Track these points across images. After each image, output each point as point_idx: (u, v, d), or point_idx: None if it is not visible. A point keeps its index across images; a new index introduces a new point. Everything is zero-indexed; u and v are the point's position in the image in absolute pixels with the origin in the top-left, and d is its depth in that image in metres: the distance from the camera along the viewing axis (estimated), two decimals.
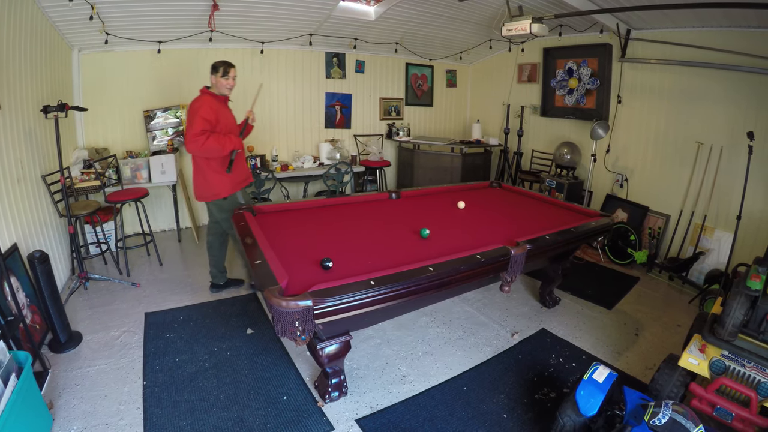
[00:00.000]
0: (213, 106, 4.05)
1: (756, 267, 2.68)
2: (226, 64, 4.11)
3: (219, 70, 4.08)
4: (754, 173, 4.53)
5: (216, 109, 4.06)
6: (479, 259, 2.94)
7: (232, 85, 4.21)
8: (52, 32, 4.69)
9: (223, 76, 4.10)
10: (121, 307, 4.24)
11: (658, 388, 2.84)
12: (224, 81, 4.12)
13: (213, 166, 4.16)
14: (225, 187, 4.24)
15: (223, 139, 4.05)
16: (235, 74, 4.19)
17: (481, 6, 5.97)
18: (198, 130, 3.89)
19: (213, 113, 4.02)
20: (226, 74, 4.11)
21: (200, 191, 4.28)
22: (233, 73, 4.16)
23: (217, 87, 4.15)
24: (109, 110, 5.77)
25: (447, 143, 7.55)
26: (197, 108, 3.97)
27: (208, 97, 4.09)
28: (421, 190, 5.05)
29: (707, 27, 5.05)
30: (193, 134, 3.88)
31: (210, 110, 4.00)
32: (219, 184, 4.21)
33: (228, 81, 4.14)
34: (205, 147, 3.93)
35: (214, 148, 3.99)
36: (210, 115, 3.98)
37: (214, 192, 4.22)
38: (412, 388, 3.22)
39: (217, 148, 4.01)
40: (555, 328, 4.12)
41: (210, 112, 3.99)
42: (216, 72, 4.09)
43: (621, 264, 5.68)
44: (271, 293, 2.28)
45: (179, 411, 2.89)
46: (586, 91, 6.59)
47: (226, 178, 4.21)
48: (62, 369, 3.28)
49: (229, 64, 4.13)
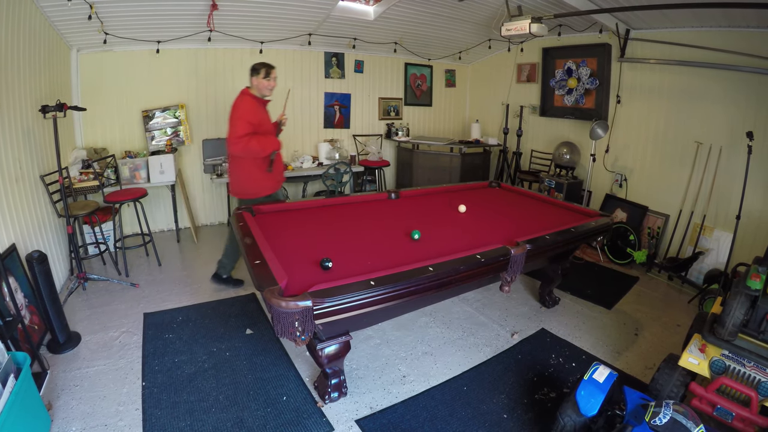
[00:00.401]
0: (255, 107, 4.19)
1: (756, 266, 2.67)
2: (267, 66, 4.21)
3: (261, 72, 4.18)
4: (754, 173, 4.54)
5: (257, 110, 4.21)
6: (479, 259, 2.93)
7: (274, 87, 4.30)
8: (51, 32, 4.67)
9: (265, 77, 4.19)
10: (119, 307, 4.22)
11: (658, 388, 2.83)
12: (266, 82, 4.21)
13: (259, 166, 4.29)
14: (268, 185, 4.41)
15: (265, 140, 4.19)
16: (276, 75, 4.29)
17: (480, 6, 5.97)
18: (242, 132, 4.02)
19: (255, 115, 4.17)
20: (268, 76, 4.21)
21: (242, 189, 4.41)
22: (274, 74, 4.26)
23: (258, 88, 4.24)
24: (108, 110, 5.76)
25: (446, 143, 7.54)
26: (242, 110, 4.11)
27: (250, 98, 4.20)
28: (421, 190, 5.05)
29: (706, 27, 5.05)
30: (237, 136, 4.02)
31: (253, 112, 4.14)
32: (263, 182, 4.37)
33: (270, 82, 4.23)
34: (248, 148, 4.07)
35: (256, 150, 4.12)
36: (253, 117, 4.12)
37: (257, 191, 4.37)
38: (412, 389, 3.21)
39: (259, 150, 4.14)
40: (555, 328, 4.12)
41: (253, 114, 4.14)
42: (257, 74, 4.19)
43: (620, 264, 5.68)
44: (271, 293, 2.27)
45: (178, 412, 2.88)
46: (586, 91, 6.59)
47: (270, 177, 4.38)
48: (61, 370, 3.27)
49: (271, 66, 4.23)
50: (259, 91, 4.25)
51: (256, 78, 4.21)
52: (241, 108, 4.13)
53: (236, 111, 4.13)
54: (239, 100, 4.21)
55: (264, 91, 4.26)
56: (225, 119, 6.44)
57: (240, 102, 4.18)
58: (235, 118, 4.11)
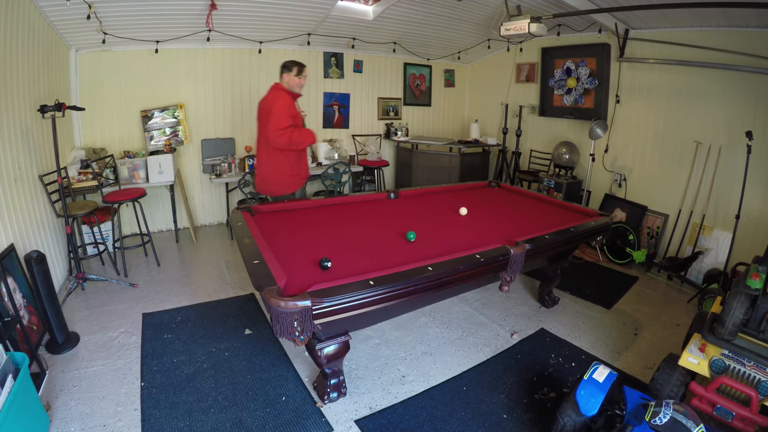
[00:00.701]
0: (290, 103, 4.42)
1: (756, 266, 2.67)
2: (299, 64, 4.47)
3: (293, 70, 4.42)
4: (753, 172, 4.54)
5: (292, 106, 4.44)
6: (478, 259, 2.93)
7: (304, 84, 4.55)
8: (50, 31, 4.66)
9: (297, 75, 4.44)
10: (118, 307, 4.22)
11: (658, 388, 2.83)
12: (297, 80, 4.45)
13: (290, 162, 4.54)
14: (292, 183, 4.66)
15: (306, 133, 4.48)
16: (306, 74, 4.55)
17: (479, 6, 5.97)
18: (285, 124, 4.26)
19: (292, 109, 4.41)
20: (300, 73, 4.46)
21: (272, 187, 4.64)
22: (306, 72, 4.53)
23: (289, 84, 4.45)
24: (107, 110, 5.75)
25: (445, 143, 7.54)
26: (281, 104, 4.31)
27: (285, 93, 4.41)
28: (420, 190, 5.04)
29: (706, 27, 5.05)
30: (281, 127, 4.24)
31: (290, 105, 4.39)
32: (292, 180, 4.64)
33: (301, 80, 4.48)
34: (292, 139, 4.31)
35: (298, 141, 4.38)
36: (291, 111, 4.37)
37: (285, 189, 4.63)
38: (412, 389, 3.21)
39: (301, 141, 4.41)
40: (554, 327, 4.11)
41: (290, 109, 4.37)
42: (290, 71, 4.42)
43: (620, 263, 5.68)
44: (270, 293, 2.26)
45: (177, 412, 2.87)
46: (585, 90, 6.59)
47: (298, 176, 4.67)
48: (59, 370, 3.26)
49: (302, 65, 4.49)
50: (290, 87, 4.45)
51: (288, 75, 4.43)
52: (280, 101, 4.31)
53: (276, 104, 4.30)
54: (276, 94, 4.39)
55: (295, 88, 4.48)
56: (224, 119, 6.56)
57: (278, 96, 4.37)
58: (276, 111, 4.26)
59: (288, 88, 4.45)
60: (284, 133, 4.24)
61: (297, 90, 4.51)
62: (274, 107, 4.29)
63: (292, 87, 4.45)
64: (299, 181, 4.72)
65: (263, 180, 4.64)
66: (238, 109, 6.67)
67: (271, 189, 4.65)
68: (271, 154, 4.48)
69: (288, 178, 4.59)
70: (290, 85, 4.44)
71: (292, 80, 4.43)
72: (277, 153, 4.45)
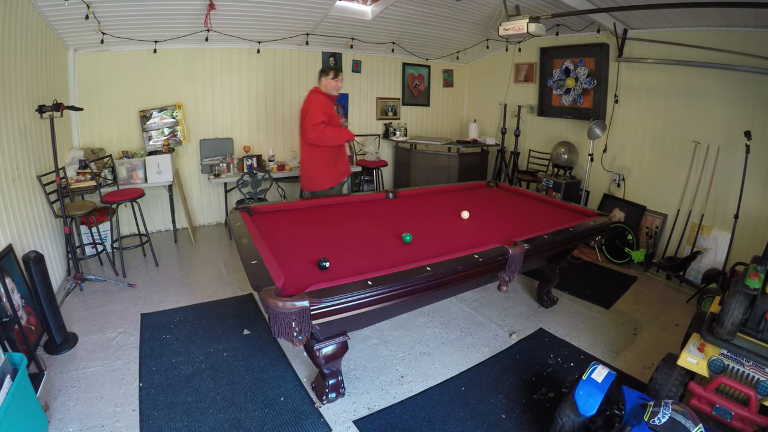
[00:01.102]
0: (326, 103, 4.73)
1: (755, 266, 2.67)
2: (335, 68, 4.84)
3: (330, 74, 4.75)
4: (751, 172, 4.53)
5: (328, 106, 4.75)
6: (477, 259, 2.92)
7: (340, 87, 4.85)
8: (48, 32, 4.66)
9: (333, 78, 4.74)
10: (117, 308, 4.21)
11: (657, 388, 2.83)
12: (333, 83, 4.76)
13: (327, 159, 4.81)
14: (331, 178, 4.91)
15: (339, 130, 4.74)
16: (342, 77, 4.84)
17: (478, 5, 5.97)
18: (318, 120, 4.54)
19: (328, 108, 4.72)
20: (336, 77, 4.76)
21: (311, 182, 4.93)
22: (341, 76, 4.82)
23: (326, 87, 4.76)
24: (105, 110, 5.73)
25: (444, 143, 7.53)
26: (316, 103, 4.65)
27: (321, 95, 4.74)
28: (418, 190, 5.04)
29: (704, 27, 5.05)
30: (314, 123, 4.54)
31: (324, 106, 4.69)
32: (328, 176, 4.88)
33: (337, 83, 4.78)
34: (324, 134, 4.58)
35: (331, 136, 4.65)
36: (326, 109, 4.67)
37: (322, 184, 4.88)
38: (410, 389, 3.21)
39: (334, 136, 4.67)
40: (553, 327, 4.11)
41: (325, 108, 4.67)
42: (326, 75, 4.75)
43: (618, 263, 5.68)
44: (268, 294, 2.25)
45: (175, 413, 2.87)
46: (583, 90, 6.59)
47: (335, 171, 4.92)
48: (58, 371, 3.25)
49: (339, 69, 4.89)
50: (327, 89, 4.76)
51: (325, 78, 4.75)
52: (315, 101, 4.66)
53: (311, 104, 4.67)
54: (312, 96, 4.74)
55: (332, 90, 4.78)
56: (222, 119, 6.55)
57: (314, 97, 4.72)
58: (311, 110, 4.61)
59: (325, 90, 4.75)
60: (316, 127, 4.53)
61: (334, 92, 4.81)
62: (310, 106, 4.64)
63: (329, 90, 4.75)
64: (336, 178, 4.96)
65: (304, 176, 4.97)
66: (236, 109, 6.66)
67: (310, 185, 4.93)
68: (310, 153, 4.79)
69: (325, 174, 4.86)
70: (327, 88, 4.75)
71: (329, 83, 4.74)
72: (315, 151, 4.75)
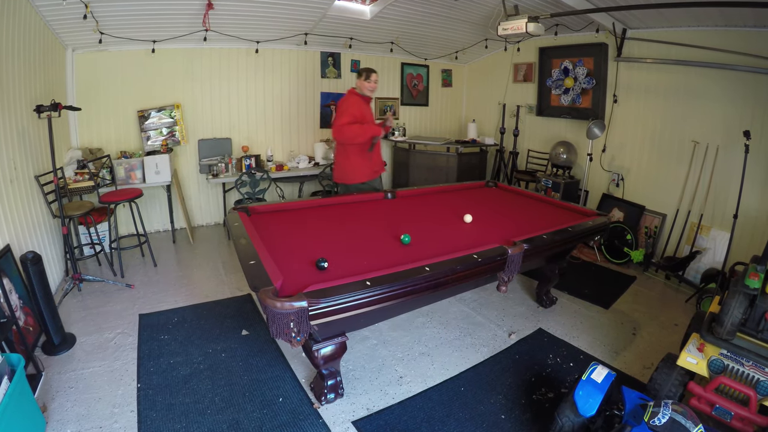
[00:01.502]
0: (357, 103, 4.90)
1: (754, 265, 2.67)
2: (368, 70, 4.96)
3: (362, 75, 4.93)
4: (751, 172, 4.53)
5: (360, 106, 4.92)
6: (476, 259, 2.92)
7: (374, 88, 5.00)
8: (46, 31, 4.64)
9: (365, 79, 4.91)
10: (115, 308, 4.20)
11: (656, 388, 2.82)
12: (367, 84, 4.93)
13: (358, 155, 4.97)
14: (365, 173, 5.08)
15: (362, 126, 4.82)
16: (376, 78, 4.98)
17: (476, 5, 5.96)
18: (345, 121, 4.73)
19: (358, 109, 4.87)
20: (368, 78, 4.92)
21: (344, 175, 5.10)
22: (374, 77, 4.96)
23: (360, 88, 4.96)
24: (103, 110, 5.73)
25: (443, 143, 7.53)
26: (345, 105, 4.86)
27: (355, 96, 4.94)
28: (417, 190, 5.04)
29: (703, 26, 5.05)
30: (340, 124, 4.75)
31: (355, 107, 4.86)
32: (361, 170, 5.05)
33: (370, 84, 4.94)
34: (348, 132, 4.74)
35: (356, 134, 4.77)
36: (356, 110, 4.84)
37: (355, 178, 5.06)
38: (409, 390, 3.20)
39: (357, 134, 4.77)
40: (552, 327, 4.11)
41: (356, 108, 4.85)
42: (360, 76, 4.94)
43: (617, 263, 5.67)
44: (266, 294, 2.25)
45: (173, 414, 2.86)
46: (582, 90, 6.59)
47: (367, 167, 5.07)
48: (56, 371, 3.24)
49: (372, 70, 4.96)
50: (361, 90, 4.96)
51: (359, 80, 4.95)
52: (345, 103, 4.88)
53: (341, 106, 4.90)
54: (345, 97, 4.97)
55: (365, 91, 4.96)
56: (221, 119, 6.57)
57: (346, 98, 4.94)
58: (339, 112, 4.85)
59: (359, 91, 4.96)
60: (341, 128, 4.73)
61: (368, 93, 4.98)
62: (340, 107, 4.91)
63: (363, 90, 4.95)
64: (370, 173, 5.13)
65: (338, 169, 5.15)
66: (235, 109, 6.66)
67: (343, 178, 5.10)
68: (344, 148, 4.99)
69: (359, 169, 5.03)
70: (361, 88, 4.95)
71: (362, 84, 4.93)
72: (348, 147, 4.92)
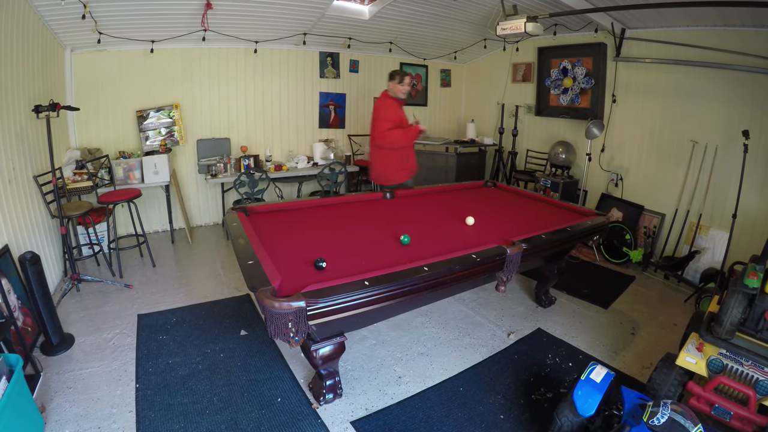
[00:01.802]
0: (394, 107, 5.03)
1: (753, 265, 2.67)
2: (401, 72, 5.04)
3: (396, 78, 5.00)
4: (749, 172, 4.53)
5: (396, 109, 5.04)
6: (475, 259, 2.92)
7: (407, 90, 5.07)
8: (45, 31, 4.64)
9: (399, 82, 4.98)
10: (113, 308, 4.19)
11: (655, 388, 2.82)
12: (400, 87, 5.00)
13: (395, 158, 5.09)
14: (402, 175, 5.22)
15: (405, 131, 5.00)
16: (409, 81, 5.05)
17: (475, 5, 5.96)
18: (386, 127, 4.91)
19: (395, 113, 5.01)
20: (402, 81, 4.98)
21: (382, 176, 5.22)
22: (408, 80, 5.02)
23: (393, 91, 5.03)
24: (102, 110, 5.72)
25: (441, 143, 7.52)
26: (384, 110, 4.98)
27: (390, 100, 5.03)
28: (416, 190, 5.03)
29: (702, 26, 5.05)
30: (381, 131, 4.92)
31: (392, 110, 4.99)
32: (398, 172, 5.18)
33: (403, 87, 5.01)
34: (389, 139, 4.93)
35: (399, 138, 4.95)
36: (393, 115, 4.98)
37: (393, 178, 5.17)
38: (408, 390, 3.20)
39: (400, 138, 4.96)
40: (551, 327, 4.11)
41: (393, 113, 4.99)
42: (393, 79, 5.01)
43: (616, 263, 5.67)
44: (264, 294, 2.24)
45: (172, 414, 2.85)
46: (581, 90, 6.59)
47: (405, 168, 5.21)
48: (54, 372, 3.24)
49: (405, 73, 5.05)
50: (394, 93, 5.03)
51: (392, 83, 5.02)
52: (383, 108, 4.99)
53: (379, 111, 5.01)
54: (382, 101, 5.06)
55: (398, 94, 5.03)
56: (219, 119, 6.54)
57: (383, 103, 5.03)
58: (378, 117, 4.97)
59: (393, 94, 5.03)
60: (384, 134, 4.90)
61: (401, 95, 5.05)
62: (378, 112, 5.02)
63: (396, 93, 5.02)
64: (407, 174, 5.27)
65: (375, 171, 5.26)
66: (234, 109, 6.65)
67: (383, 179, 5.21)
68: (381, 151, 5.09)
69: (396, 170, 5.16)
70: (394, 91, 5.02)
71: (395, 87, 5.00)
72: (387, 150, 5.04)
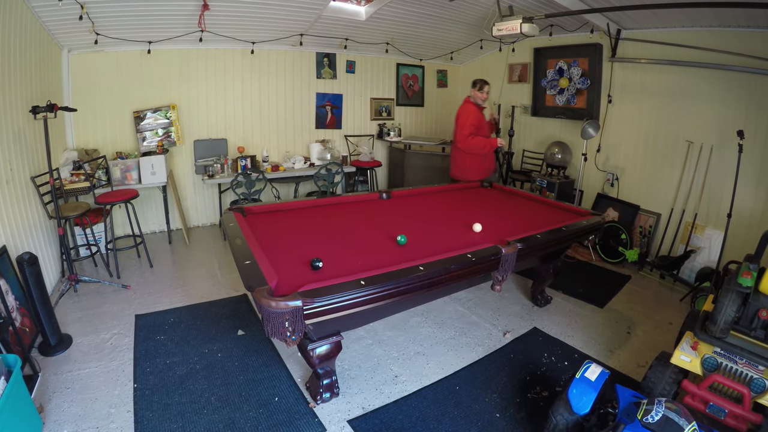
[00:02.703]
0: (475, 113, 5.39)
1: (747, 264, 2.68)
2: (482, 81, 5.41)
3: (477, 86, 5.40)
4: (744, 171, 4.56)
5: (477, 115, 5.40)
6: (470, 259, 2.93)
7: (486, 98, 5.47)
8: (42, 32, 4.64)
9: (479, 90, 5.38)
10: (111, 309, 4.20)
11: (650, 386, 2.84)
12: (480, 94, 5.40)
13: (478, 158, 5.50)
14: (481, 172, 5.61)
15: (486, 141, 5.36)
16: (488, 90, 5.47)
17: (471, 6, 5.98)
18: (467, 132, 5.30)
19: (476, 119, 5.37)
20: (482, 89, 5.38)
21: (463, 174, 5.64)
22: (487, 88, 5.44)
23: (474, 98, 5.43)
24: (99, 111, 5.72)
25: (438, 143, 7.54)
26: (465, 115, 5.38)
27: (471, 105, 5.42)
28: (412, 190, 5.04)
29: (697, 27, 5.08)
30: (463, 136, 5.34)
31: (473, 117, 5.36)
32: (478, 171, 5.59)
33: (482, 94, 5.41)
34: (471, 145, 5.32)
35: (478, 146, 5.33)
36: (474, 120, 5.34)
37: (474, 175, 5.55)
38: (404, 389, 3.21)
39: (480, 146, 5.34)
40: (547, 326, 4.12)
41: (474, 118, 5.35)
42: (475, 87, 5.41)
43: (612, 263, 5.70)
44: (261, 294, 2.26)
45: (170, 414, 2.86)
46: (577, 90, 6.61)
47: (483, 167, 5.62)
48: (52, 372, 3.24)
49: (485, 82, 5.42)
50: (475, 100, 5.42)
51: (474, 90, 5.42)
52: (464, 114, 5.39)
53: (462, 116, 5.42)
54: (464, 107, 5.45)
55: (478, 101, 5.43)
56: (216, 120, 6.56)
57: (465, 109, 5.42)
58: (461, 123, 5.38)
59: (474, 100, 5.41)
60: (466, 139, 5.29)
61: (480, 102, 5.44)
62: (460, 116, 5.43)
63: (476, 100, 5.41)
64: (485, 172, 5.65)
65: (457, 168, 5.71)
66: (230, 109, 6.66)
67: (462, 175, 5.63)
68: (462, 152, 5.50)
69: (477, 170, 5.57)
70: (475, 98, 5.41)
71: (476, 95, 5.39)
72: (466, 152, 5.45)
